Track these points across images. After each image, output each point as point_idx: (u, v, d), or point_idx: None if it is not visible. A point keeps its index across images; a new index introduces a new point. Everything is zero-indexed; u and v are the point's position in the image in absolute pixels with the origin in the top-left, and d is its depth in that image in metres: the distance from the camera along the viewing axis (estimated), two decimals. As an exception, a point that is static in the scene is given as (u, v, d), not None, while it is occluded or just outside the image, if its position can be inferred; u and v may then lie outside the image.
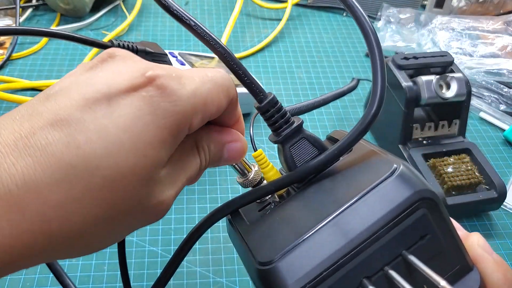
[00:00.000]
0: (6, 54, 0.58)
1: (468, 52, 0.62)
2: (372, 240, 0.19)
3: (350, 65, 0.64)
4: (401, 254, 0.20)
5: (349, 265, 0.19)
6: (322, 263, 0.19)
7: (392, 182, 0.20)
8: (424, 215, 0.20)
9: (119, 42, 0.38)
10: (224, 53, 0.22)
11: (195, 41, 0.66)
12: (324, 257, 0.19)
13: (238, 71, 0.23)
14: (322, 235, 0.20)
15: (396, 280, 0.19)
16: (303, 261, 0.19)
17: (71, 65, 0.59)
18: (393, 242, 0.19)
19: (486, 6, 0.71)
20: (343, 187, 0.22)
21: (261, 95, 0.23)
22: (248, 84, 0.23)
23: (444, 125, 0.47)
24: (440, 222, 0.20)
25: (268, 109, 0.24)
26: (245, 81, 0.23)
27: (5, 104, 0.53)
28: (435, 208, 0.20)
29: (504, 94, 0.58)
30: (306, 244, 0.20)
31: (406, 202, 0.19)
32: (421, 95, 0.44)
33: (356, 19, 0.23)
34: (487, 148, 0.54)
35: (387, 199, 0.20)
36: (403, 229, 0.19)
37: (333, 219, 0.20)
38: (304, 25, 0.72)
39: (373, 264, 0.19)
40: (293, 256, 0.20)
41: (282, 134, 0.24)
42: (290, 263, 0.19)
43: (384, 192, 0.20)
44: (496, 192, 0.43)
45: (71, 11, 0.66)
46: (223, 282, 0.39)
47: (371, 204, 0.20)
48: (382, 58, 0.23)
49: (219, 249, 0.41)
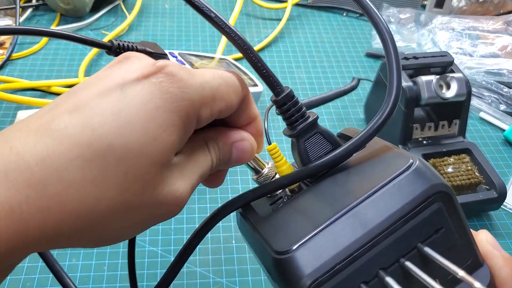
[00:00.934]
0: (6, 54, 0.58)
1: (468, 52, 0.62)
2: (388, 232, 0.19)
3: (350, 65, 0.64)
4: (416, 246, 0.20)
5: (366, 256, 0.19)
6: (339, 254, 0.19)
7: (409, 175, 0.20)
8: (439, 208, 0.20)
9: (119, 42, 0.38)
10: (244, 45, 0.23)
11: (195, 41, 0.66)
12: (341, 248, 0.19)
13: (257, 64, 0.23)
14: (339, 226, 0.20)
15: (412, 270, 0.19)
16: (320, 251, 0.19)
17: (71, 65, 0.59)
18: (409, 235, 0.20)
19: (486, 6, 0.71)
20: (358, 181, 0.22)
21: (279, 89, 0.23)
22: (266, 76, 0.23)
23: (444, 125, 0.47)
24: (454, 216, 0.21)
25: (285, 102, 0.24)
26: (263, 73, 0.23)
27: (5, 104, 0.53)
28: (450, 202, 0.20)
29: (504, 94, 0.58)
30: (323, 234, 0.20)
31: (423, 195, 0.20)
32: (421, 95, 0.44)
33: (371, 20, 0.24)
34: (487, 148, 0.54)
35: (404, 192, 0.20)
36: (419, 222, 0.20)
37: (350, 210, 0.20)
38: (304, 25, 0.72)
39: (389, 256, 0.19)
40: (310, 246, 0.19)
41: (297, 128, 0.24)
42: (307, 252, 0.19)
43: (401, 185, 0.20)
44: (496, 192, 0.43)
45: (71, 11, 0.66)
46: (223, 282, 0.39)
47: (388, 196, 0.20)
48: (397, 56, 0.24)
49: (219, 249, 0.41)
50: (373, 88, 0.52)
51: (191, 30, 0.69)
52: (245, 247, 0.42)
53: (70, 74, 0.58)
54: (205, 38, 0.67)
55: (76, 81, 0.56)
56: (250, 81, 0.55)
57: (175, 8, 0.73)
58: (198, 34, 0.68)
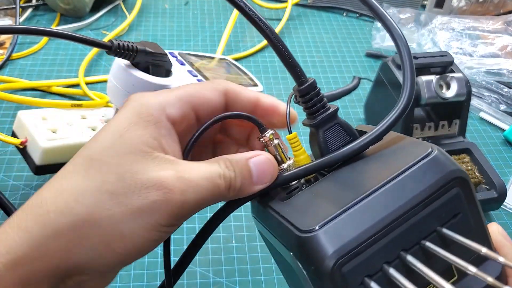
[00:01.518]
0: (6, 54, 0.58)
1: (468, 52, 0.62)
2: (410, 215, 0.20)
3: (350, 65, 0.64)
4: (435, 230, 0.20)
5: (388, 237, 0.20)
6: (362, 234, 0.19)
7: (430, 161, 0.21)
8: (458, 193, 0.21)
9: (119, 42, 0.38)
10: (272, 34, 0.24)
11: (195, 41, 0.66)
12: (364, 228, 0.19)
13: (284, 53, 0.24)
14: (361, 208, 0.20)
15: (434, 250, 0.20)
16: (344, 230, 0.20)
17: (71, 65, 0.59)
18: (429, 218, 0.20)
19: (486, 6, 0.71)
20: (378, 167, 0.22)
21: (303, 78, 0.24)
22: (291, 65, 0.24)
23: (444, 125, 0.47)
24: (471, 203, 0.21)
25: (308, 91, 0.24)
26: (289, 62, 0.24)
27: (5, 104, 0.53)
28: (467, 188, 0.21)
29: (504, 94, 0.58)
30: (346, 215, 0.20)
31: (443, 180, 0.20)
32: (421, 95, 0.44)
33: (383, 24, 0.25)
34: (487, 148, 0.54)
35: (425, 177, 0.21)
36: (439, 205, 0.20)
37: (372, 193, 0.21)
38: (304, 25, 0.72)
39: (410, 238, 0.20)
40: (334, 225, 0.20)
41: (318, 118, 0.25)
42: (331, 231, 0.20)
43: (422, 170, 0.21)
44: (496, 192, 0.43)
45: (71, 11, 0.66)
46: (223, 282, 0.39)
47: (410, 180, 0.21)
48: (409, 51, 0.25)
49: (219, 249, 0.41)
50: (373, 88, 0.52)
51: (191, 30, 0.69)
52: (245, 247, 0.42)
53: (70, 74, 0.58)
54: (205, 38, 0.67)
55: (76, 81, 0.56)
56: (250, 81, 0.55)
57: (175, 8, 0.73)
58: (198, 34, 0.68)
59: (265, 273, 0.40)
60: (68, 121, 0.43)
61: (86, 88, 0.53)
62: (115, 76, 0.40)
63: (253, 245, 0.42)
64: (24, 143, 0.40)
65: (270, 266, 0.40)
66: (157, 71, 0.41)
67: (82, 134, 0.42)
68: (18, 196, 0.43)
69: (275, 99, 0.27)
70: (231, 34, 0.67)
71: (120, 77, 0.40)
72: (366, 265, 0.19)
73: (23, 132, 0.40)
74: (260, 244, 0.42)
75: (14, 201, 0.43)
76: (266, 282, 0.39)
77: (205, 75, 0.50)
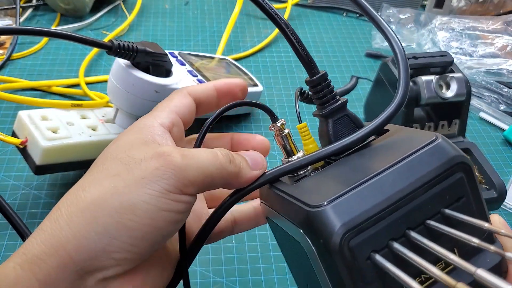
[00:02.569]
0: (6, 54, 0.58)
1: (468, 52, 0.62)
2: (415, 195, 0.21)
3: (350, 65, 0.64)
4: (440, 211, 0.21)
5: (394, 215, 0.20)
6: (369, 210, 0.20)
7: (435, 147, 0.22)
8: (461, 177, 0.22)
9: (119, 42, 0.38)
10: (288, 27, 0.26)
11: (195, 41, 0.66)
12: (372, 205, 0.20)
13: (296, 44, 0.25)
14: (369, 186, 0.21)
15: (437, 227, 0.20)
16: (352, 206, 0.20)
17: (71, 65, 0.59)
18: (434, 199, 0.21)
19: (486, 6, 0.71)
20: (385, 153, 0.23)
21: (315, 70, 0.26)
22: (304, 58, 0.26)
23: (444, 125, 0.47)
24: (473, 188, 0.22)
25: (319, 82, 0.26)
26: (303, 55, 0.26)
27: (5, 104, 0.53)
28: (470, 173, 0.22)
29: (504, 94, 0.58)
30: (355, 192, 0.21)
31: (447, 164, 0.21)
32: (421, 95, 0.44)
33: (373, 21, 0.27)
34: (487, 148, 0.54)
35: (430, 161, 0.21)
36: (443, 188, 0.21)
37: (380, 173, 0.21)
38: (304, 25, 0.72)
39: (415, 217, 0.21)
40: (342, 201, 0.21)
41: (328, 109, 0.26)
42: (339, 207, 0.20)
43: (427, 154, 0.22)
44: (496, 192, 0.43)
45: (71, 11, 0.66)
46: (223, 282, 0.39)
47: (416, 163, 0.21)
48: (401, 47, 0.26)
49: (219, 249, 0.41)
50: (373, 88, 0.52)
51: (191, 30, 0.69)
52: (245, 246, 0.42)
53: (70, 74, 0.58)
54: (205, 38, 0.67)
55: (77, 81, 0.56)
56: (250, 81, 0.55)
57: (175, 8, 0.73)
58: (198, 34, 0.68)
59: (265, 273, 0.40)
60: (69, 121, 0.43)
61: (86, 88, 0.53)
62: (115, 76, 0.41)
63: (253, 245, 0.42)
64: (24, 143, 0.40)
65: (270, 266, 0.40)
66: (157, 71, 0.41)
67: (82, 134, 0.42)
68: (18, 196, 0.43)
69: (226, 79, 0.29)
70: (231, 34, 0.67)
71: (120, 77, 0.40)
72: (373, 240, 0.20)
73: (23, 132, 0.40)
74: (260, 244, 0.42)
75: (14, 201, 0.43)
76: (266, 282, 0.39)
77: (205, 75, 0.50)
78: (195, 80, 0.48)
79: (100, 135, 0.43)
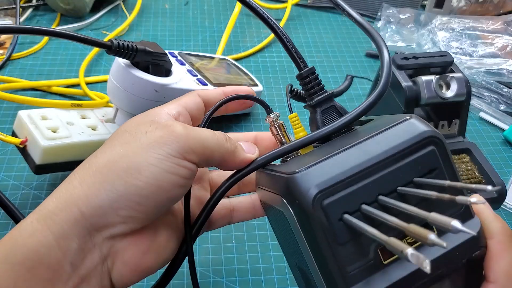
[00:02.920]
0: (6, 54, 0.58)
1: (468, 52, 0.62)
2: (388, 163, 0.22)
3: (350, 65, 0.64)
4: (412, 181, 0.22)
5: (366, 180, 0.22)
6: (342, 174, 0.22)
7: (408, 123, 0.23)
8: (433, 150, 0.23)
9: (119, 41, 0.38)
10: (278, 28, 0.29)
11: (195, 41, 0.66)
12: (344, 170, 0.22)
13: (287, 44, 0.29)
14: (342, 155, 0.23)
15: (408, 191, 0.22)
16: (325, 171, 0.22)
17: (71, 65, 0.59)
18: (406, 168, 0.22)
19: (486, 6, 0.71)
20: (364, 133, 0.25)
21: (303, 65, 0.29)
22: (294, 55, 0.29)
23: (444, 125, 0.47)
24: (446, 162, 0.23)
25: (307, 76, 0.29)
26: (292, 52, 0.29)
27: (5, 104, 0.53)
28: (442, 148, 0.23)
29: (504, 94, 0.58)
30: (329, 160, 0.23)
31: (419, 137, 0.23)
32: (421, 95, 0.44)
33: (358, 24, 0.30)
34: (487, 148, 0.54)
35: (402, 134, 0.23)
36: (414, 158, 0.22)
37: (355, 145, 0.23)
38: (304, 25, 0.72)
39: (387, 184, 0.22)
40: (317, 167, 0.22)
41: (316, 99, 0.28)
42: (313, 171, 0.22)
43: (401, 129, 0.23)
44: (496, 192, 0.43)
45: (71, 11, 0.66)
46: (223, 282, 0.39)
47: (388, 136, 0.23)
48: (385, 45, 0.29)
49: (219, 249, 0.41)
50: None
51: (191, 30, 0.69)
52: (245, 246, 0.42)
53: (71, 74, 0.58)
54: (205, 38, 0.67)
55: (77, 81, 0.56)
56: (250, 81, 0.55)
57: (175, 8, 0.73)
58: (198, 34, 0.68)
59: (265, 273, 0.40)
60: (68, 120, 0.43)
61: (86, 88, 0.53)
62: (115, 76, 0.41)
63: (253, 245, 0.42)
64: (24, 143, 0.40)
65: (270, 266, 0.40)
66: (157, 70, 0.41)
67: (82, 134, 0.42)
68: (18, 196, 0.43)
69: (235, 86, 0.32)
70: (231, 34, 0.67)
71: (120, 76, 0.40)
72: (345, 202, 0.21)
73: (23, 132, 0.40)
74: (260, 244, 0.42)
75: (14, 201, 0.43)
76: (266, 282, 0.39)
77: (205, 75, 0.50)
78: (195, 79, 0.48)
79: (100, 135, 0.43)
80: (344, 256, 0.21)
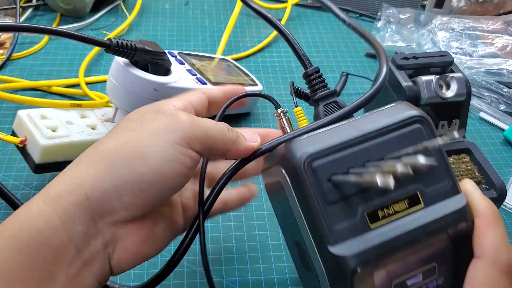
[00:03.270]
0: (6, 54, 0.58)
1: (468, 52, 0.62)
2: (376, 135, 0.24)
3: (350, 65, 0.64)
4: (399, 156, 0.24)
5: (354, 149, 0.24)
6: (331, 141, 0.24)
7: (396, 105, 0.26)
8: (419, 128, 0.25)
9: (118, 40, 0.38)
10: (282, 29, 0.33)
11: (195, 41, 0.66)
12: (333, 139, 0.24)
13: (293, 44, 0.33)
14: (336, 129, 0.25)
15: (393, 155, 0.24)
16: (317, 140, 0.24)
17: (71, 65, 0.59)
18: (392, 141, 0.24)
19: (486, 6, 0.71)
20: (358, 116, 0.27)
21: (308, 64, 0.32)
22: (300, 55, 0.32)
23: (444, 125, 0.47)
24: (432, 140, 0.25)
25: (312, 73, 0.32)
26: (298, 52, 0.33)
27: (5, 104, 0.53)
28: (429, 128, 0.25)
29: (504, 94, 0.58)
30: (321, 132, 0.25)
31: (405, 116, 0.25)
32: (421, 95, 0.44)
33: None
34: (487, 148, 0.54)
35: (391, 114, 0.25)
36: (401, 133, 0.25)
37: (348, 123, 0.26)
38: (304, 25, 0.72)
39: (375, 153, 0.24)
40: (309, 137, 0.25)
41: (318, 95, 0.31)
42: (305, 141, 0.25)
43: (390, 110, 0.26)
44: (496, 192, 0.43)
45: (71, 11, 0.66)
46: (223, 282, 0.39)
47: (377, 115, 0.26)
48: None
49: (219, 249, 0.41)
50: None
51: (191, 30, 0.69)
52: (245, 246, 0.42)
53: (70, 74, 0.58)
54: (205, 38, 0.67)
55: (76, 81, 0.56)
56: (250, 81, 0.55)
57: (175, 8, 0.73)
58: (198, 34, 0.68)
59: (265, 273, 0.40)
60: (68, 120, 0.43)
61: (86, 88, 0.53)
62: (114, 75, 0.41)
63: (253, 245, 0.42)
64: (24, 142, 0.40)
65: (270, 266, 0.40)
66: (156, 69, 0.41)
67: (81, 133, 0.42)
68: (18, 195, 0.43)
69: (235, 86, 0.34)
70: (231, 34, 0.67)
71: (119, 76, 0.40)
72: (334, 165, 0.24)
73: (23, 131, 0.40)
74: (260, 244, 0.42)
75: (13, 200, 0.43)
76: (266, 282, 0.39)
77: (205, 75, 0.50)
78: (194, 78, 0.47)
79: (99, 134, 0.43)
80: (332, 214, 0.23)
